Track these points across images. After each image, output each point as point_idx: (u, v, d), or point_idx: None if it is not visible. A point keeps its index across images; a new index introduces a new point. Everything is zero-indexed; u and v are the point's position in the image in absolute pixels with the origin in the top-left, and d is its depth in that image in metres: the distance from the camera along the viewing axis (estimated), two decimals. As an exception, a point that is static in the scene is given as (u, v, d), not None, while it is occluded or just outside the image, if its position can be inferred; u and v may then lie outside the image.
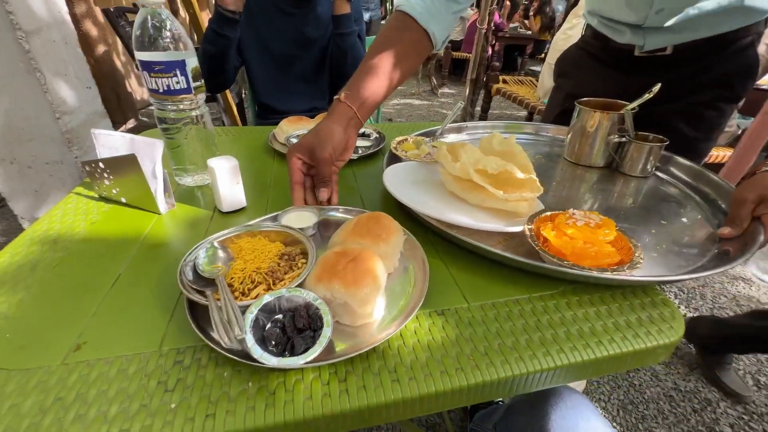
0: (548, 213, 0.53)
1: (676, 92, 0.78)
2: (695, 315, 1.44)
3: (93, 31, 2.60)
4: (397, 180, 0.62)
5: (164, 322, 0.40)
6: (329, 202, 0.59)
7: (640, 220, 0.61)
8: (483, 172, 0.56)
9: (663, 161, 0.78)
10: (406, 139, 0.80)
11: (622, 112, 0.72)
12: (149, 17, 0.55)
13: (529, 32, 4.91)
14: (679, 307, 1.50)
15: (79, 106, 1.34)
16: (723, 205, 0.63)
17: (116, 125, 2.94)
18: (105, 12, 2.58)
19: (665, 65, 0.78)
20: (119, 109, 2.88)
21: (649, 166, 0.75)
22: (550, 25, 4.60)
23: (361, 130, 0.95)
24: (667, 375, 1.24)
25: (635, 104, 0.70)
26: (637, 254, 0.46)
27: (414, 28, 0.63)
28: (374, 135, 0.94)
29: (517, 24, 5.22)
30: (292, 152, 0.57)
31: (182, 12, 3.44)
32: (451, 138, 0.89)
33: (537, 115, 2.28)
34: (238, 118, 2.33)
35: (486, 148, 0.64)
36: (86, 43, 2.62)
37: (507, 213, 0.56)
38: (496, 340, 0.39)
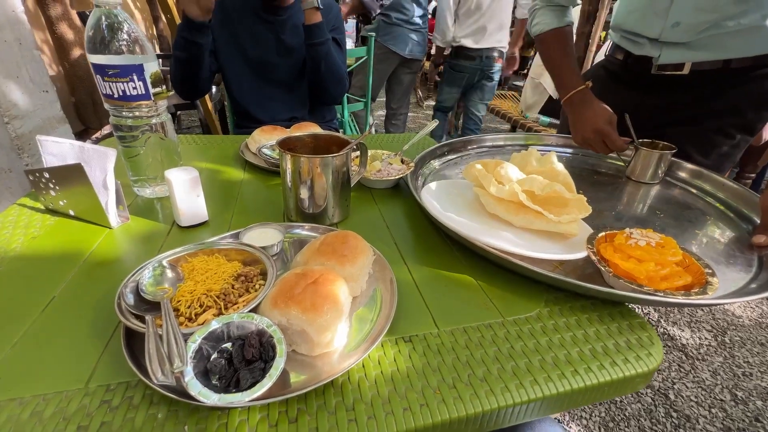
0: (603, 234, 0.50)
1: (689, 115, 0.79)
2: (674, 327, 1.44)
3: (69, 34, 2.52)
4: (438, 207, 0.58)
5: (96, 354, 0.36)
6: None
7: (676, 231, 0.60)
8: (529, 192, 0.54)
9: (673, 168, 0.79)
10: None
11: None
12: (103, 17, 0.51)
13: (513, 48, 5.03)
14: (659, 322, 1.51)
15: (33, 111, 1.26)
16: (743, 210, 0.64)
17: (91, 131, 2.84)
18: (81, 15, 2.51)
19: (680, 86, 0.78)
20: (95, 114, 2.79)
21: (660, 172, 0.75)
22: (533, 42, 4.73)
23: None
24: (648, 391, 1.23)
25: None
26: (708, 273, 0.43)
27: (556, 31, 0.87)
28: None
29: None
30: (605, 126, 0.73)
31: (163, 18, 3.39)
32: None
33: (519, 129, 2.30)
34: (218, 126, 2.27)
35: (522, 166, 0.62)
36: (61, 46, 2.53)
37: (553, 234, 0.54)
38: (466, 371, 0.36)
